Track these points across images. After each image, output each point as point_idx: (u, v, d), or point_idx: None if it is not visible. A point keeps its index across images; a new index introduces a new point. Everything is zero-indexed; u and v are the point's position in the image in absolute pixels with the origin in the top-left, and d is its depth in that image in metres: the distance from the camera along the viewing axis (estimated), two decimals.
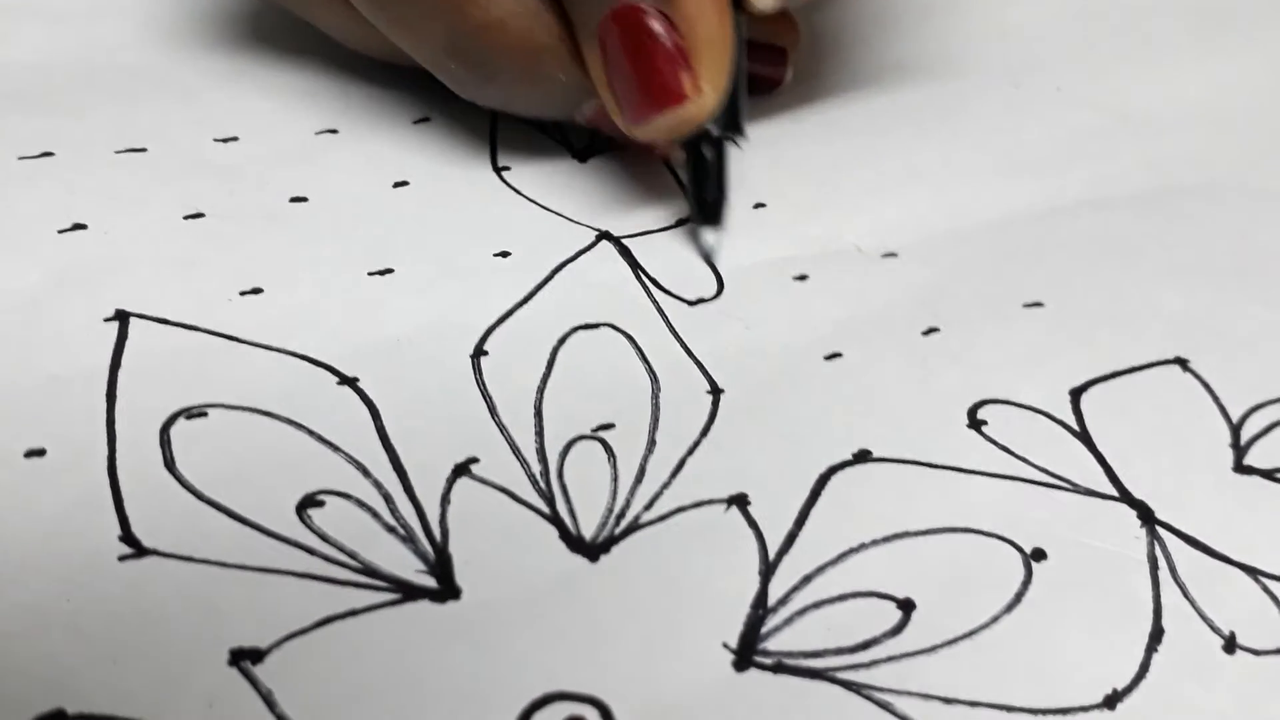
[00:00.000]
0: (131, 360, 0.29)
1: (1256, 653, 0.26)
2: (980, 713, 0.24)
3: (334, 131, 0.38)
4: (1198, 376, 0.32)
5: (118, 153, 0.35)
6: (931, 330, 0.33)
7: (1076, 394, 0.31)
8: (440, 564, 0.26)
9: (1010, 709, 0.24)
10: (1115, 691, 0.25)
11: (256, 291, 0.32)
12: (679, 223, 0.36)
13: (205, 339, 0.30)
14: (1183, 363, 0.33)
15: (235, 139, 0.37)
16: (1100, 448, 0.30)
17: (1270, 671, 0.26)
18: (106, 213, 0.33)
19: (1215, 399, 0.32)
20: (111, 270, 0.31)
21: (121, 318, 0.30)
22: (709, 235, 0.35)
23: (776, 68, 0.41)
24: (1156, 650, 0.26)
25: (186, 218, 0.33)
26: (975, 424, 0.30)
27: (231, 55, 0.40)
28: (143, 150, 0.36)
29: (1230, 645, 0.26)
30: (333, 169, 0.36)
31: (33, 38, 0.39)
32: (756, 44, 0.40)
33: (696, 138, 0.35)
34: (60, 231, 0.32)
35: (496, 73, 0.35)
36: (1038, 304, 0.34)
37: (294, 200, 0.35)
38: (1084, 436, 0.30)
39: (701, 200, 0.36)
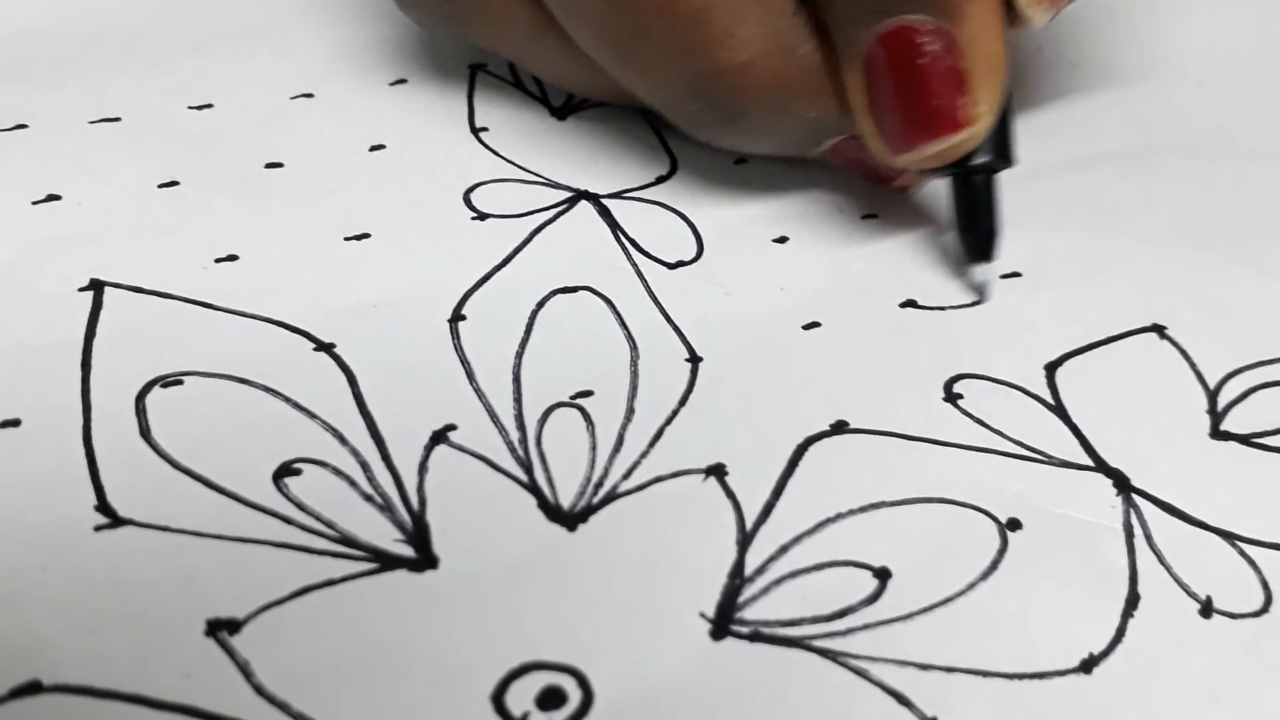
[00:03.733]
0: (106, 329, 0.29)
1: (1234, 616, 0.26)
2: (956, 679, 0.24)
3: (309, 96, 0.37)
4: (1175, 344, 0.32)
5: (91, 123, 0.35)
6: (909, 303, 0.33)
7: (1052, 368, 0.31)
8: (418, 533, 0.26)
9: (986, 674, 0.24)
10: (1091, 656, 0.25)
11: (232, 258, 0.31)
12: (659, 180, 0.36)
13: (180, 307, 0.30)
14: (1160, 330, 0.33)
15: (209, 106, 0.36)
16: (1076, 419, 0.30)
17: (1248, 635, 0.26)
18: (80, 183, 0.33)
19: (1192, 366, 0.32)
20: (86, 240, 0.31)
21: (96, 287, 0.30)
22: (981, 271, 0.33)
23: None
24: (1133, 615, 0.26)
25: (161, 186, 0.33)
26: (951, 398, 0.30)
27: (205, 21, 0.40)
28: (116, 120, 0.35)
29: (1207, 609, 0.26)
30: (308, 134, 0.36)
31: (5, 8, 0.39)
32: None
33: (964, 167, 0.32)
34: (34, 203, 0.32)
35: (742, 114, 0.32)
36: (1015, 274, 0.34)
37: (269, 166, 0.35)
38: (1059, 410, 0.30)
39: (974, 233, 0.33)
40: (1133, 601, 0.26)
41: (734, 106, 0.32)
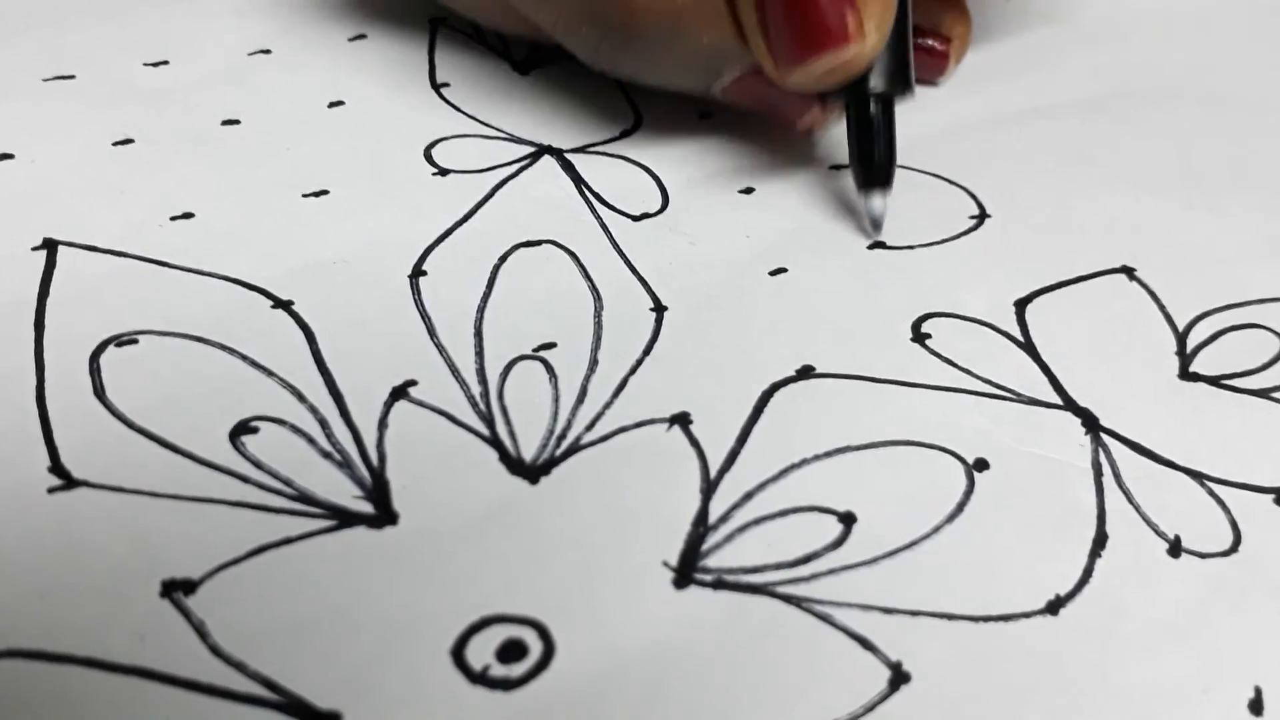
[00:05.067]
0: (60, 288, 0.29)
1: (1202, 556, 0.26)
2: (921, 622, 0.24)
3: (267, 52, 0.37)
4: (1144, 285, 0.32)
5: (45, 80, 0.35)
6: (876, 245, 0.33)
7: (1021, 305, 0.31)
8: (377, 489, 0.25)
9: (951, 617, 0.24)
10: (1058, 597, 0.25)
11: (187, 216, 0.31)
12: (623, 134, 0.36)
13: (135, 265, 0.30)
14: (1129, 271, 0.32)
15: (165, 63, 0.36)
16: (1045, 357, 0.30)
17: (1216, 574, 0.26)
18: (34, 141, 0.33)
19: (1161, 307, 0.31)
20: (39, 199, 0.31)
21: (50, 246, 0.30)
22: (877, 199, 0.33)
23: (937, 58, 0.39)
24: (1100, 555, 0.26)
25: (115, 144, 0.33)
26: (919, 338, 0.30)
27: None
28: (71, 77, 0.35)
29: (1175, 549, 0.26)
30: (266, 90, 0.35)
31: None
32: (919, 29, 0.37)
33: (863, 93, 0.32)
34: None
35: (635, 37, 0.32)
36: (984, 214, 0.34)
37: (226, 123, 0.34)
38: (1028, 347, 0.30)
39: (868, 161, 0.33)
40: (1100, 541, 0.26)
41: (628, 29, 0.32)
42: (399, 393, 0.27)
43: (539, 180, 0.34)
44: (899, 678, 0.23)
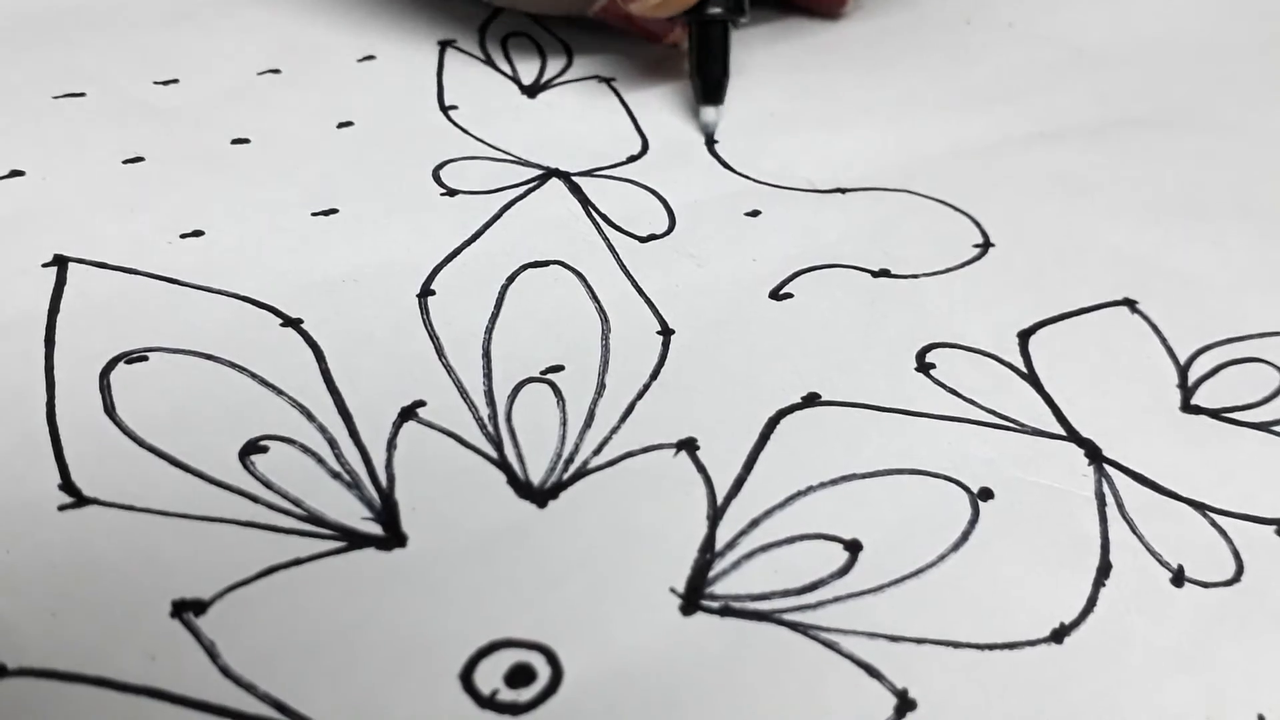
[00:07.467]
0: (70, 305, 0.29)
1: (1205, 585, 0.26)
2: (926, 650, 0.24)
3: (276, 71, 0.37)
4: (1146, 318, 0.32)
5: (56, 98, 0.35)
6: (882, 272, 0.33)
7: (1025, 336, 0.31)
8: (386, 511, 0.25)
9: (957, 645, 0.24)
10: (1062, 625, 0.25)
11: (197, 234, 0.31)
12: (630, 159, 0.36)
13: (145, 282, 0.30)
14: (1131, 304, 0.33)
15: (176, 81, 0.36)
16: (1048, 388, 0.30)
17: (1219, 603, 0.26)
18: (44, 158, 0.33)
19: (1163, 340, 0.32)
20: (50, 216, 0.31)
21: (60, 263, 0.30)
22: (710, 113, 0.37)
23: None
24: (1104, 584, 0.26)
25: (126, 162, 0.33)
26: (924, 367, 0.30)
27: None
28: (82, 95, 0.35)
29: (1179, 578, 0.26)
30: (275, 109, 0.36)
31: None
32: None
33: (702, 18, 0.37)
34: None
35: None
36: (988, 243, 0.34)
37: (236, 142, 0.34)
38: (1032, 378, 0.30)
39: (706, 77, 0.38)
40: (1104, 570, 0.26)
41: None
42: (408, 413, 0.28)
43: (547, 202, 0.34)
44: (905, 705, 0.23)
